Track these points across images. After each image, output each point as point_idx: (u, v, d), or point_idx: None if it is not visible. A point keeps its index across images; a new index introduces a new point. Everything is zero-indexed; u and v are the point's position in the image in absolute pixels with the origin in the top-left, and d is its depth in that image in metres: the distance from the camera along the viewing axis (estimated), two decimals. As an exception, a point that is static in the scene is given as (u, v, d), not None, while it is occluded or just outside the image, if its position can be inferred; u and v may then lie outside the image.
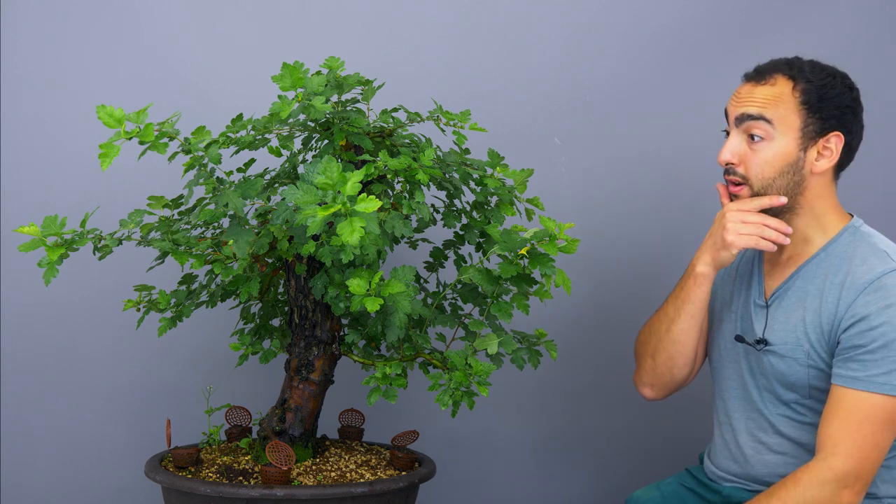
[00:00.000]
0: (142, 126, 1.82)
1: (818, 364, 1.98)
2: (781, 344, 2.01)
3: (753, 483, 2.09)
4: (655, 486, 2.24)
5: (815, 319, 1.98)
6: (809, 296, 2.01)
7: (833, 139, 2.00)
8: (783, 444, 2.05)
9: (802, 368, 1.99)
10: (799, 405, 2.02)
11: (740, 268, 2.19)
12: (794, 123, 1.99)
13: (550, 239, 1.94)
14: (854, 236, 2.02)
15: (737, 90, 2.07)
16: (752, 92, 2.02)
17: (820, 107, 1.99)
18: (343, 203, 1.68)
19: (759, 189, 2.01)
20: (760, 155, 2.00)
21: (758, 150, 2.00)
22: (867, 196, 2.68)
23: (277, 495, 1.90)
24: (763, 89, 2.01)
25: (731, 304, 2.15)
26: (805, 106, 1.99)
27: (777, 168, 2.00)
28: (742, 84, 2.07)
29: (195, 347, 2.66)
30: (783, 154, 1.99)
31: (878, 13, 2.79)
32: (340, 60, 2.02)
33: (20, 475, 2.63)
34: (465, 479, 2.79)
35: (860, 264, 1.96)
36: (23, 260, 2.41)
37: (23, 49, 2.60)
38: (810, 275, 2.02)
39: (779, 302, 2.05)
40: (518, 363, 2.11)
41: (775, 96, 2.00)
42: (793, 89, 2.00)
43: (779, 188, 2.00)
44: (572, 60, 2.75)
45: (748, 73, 2.08)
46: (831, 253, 2.02)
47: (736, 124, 2.02)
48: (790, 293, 2.04)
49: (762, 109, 1.99)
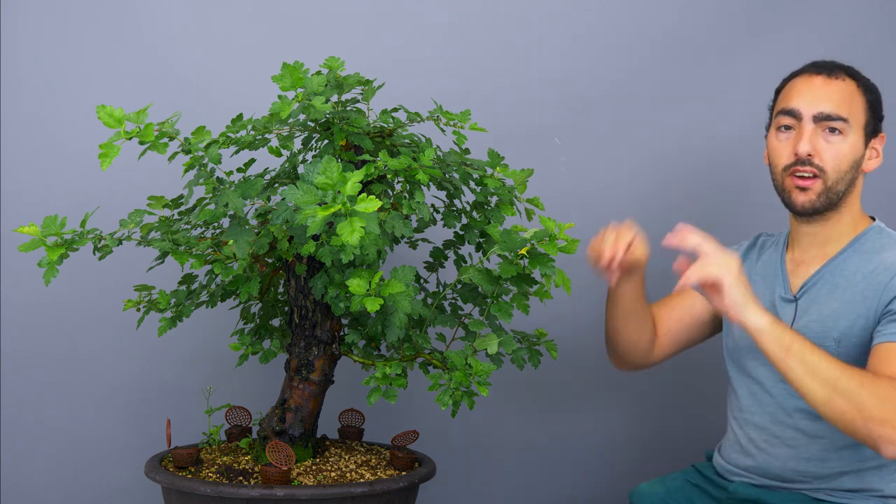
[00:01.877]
0: (142, 126, 1.82)
1: (849, 353, 1.99)
2: (812, 334, 2.02)
3: (763, 477, 2.10)
4: (660, 480, 2.25)
5: (850, 309, 2.00)
6: (839, 288, 2.04)
7: (880, 141, 2.10)
8: (797, 437, 2.06)
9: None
10: None
11: (762, 268, 2.20)
12: (861, 121, 2.06)
13: (550, 239, 1.95)
14: (881, 234, 2.08)
15: (804, 84, 2.08)
16: (827, 87, 2.05)
17: (876, 108, 2.08)
18: (343, 203, 1.68)
19: (833, 182, 2.04)
20: (838, 147, 2.04)
21: (834, 143, 2.04)
22: (868, 196, 2.69)
23: (277, 495, 1.90)
24: (837, 84, 2.06)
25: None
26: (868, 105, 2.07)
27: (849, 162, 2.05)
28: (809, 76, 2.09)
29: (195, 347, 2.66)
30: (855, 149, 2.06)
31: (879, 13, 2.79)
32: (340, 60, 2.02)
33: (20, 475, 2.64)
34: (465, 479, 2.79)
35: (890, 252, 2.02)
36: (23, 260, 2.41)
37: (23, 49, 2.60)
38: (838, 269, 2.06)
39: (807, 295, 2.08)
40: (518, 363, 2.11)
41: (850, 93, 2.06)
42: (857, 87, 2.07)
43: (846, 182, 2.05)
44: (572, 60, 2.75)
45: (813, 66, 2.10)
46: (858, 249, 2.07)
47: (814, 121, 2.05)
48: (819, 286, 2.07)
49: (839, 108, 2.04)
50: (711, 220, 2.76)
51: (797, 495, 2.06)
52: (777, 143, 2.09)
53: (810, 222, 2.10)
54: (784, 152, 2.07)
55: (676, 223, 2.73)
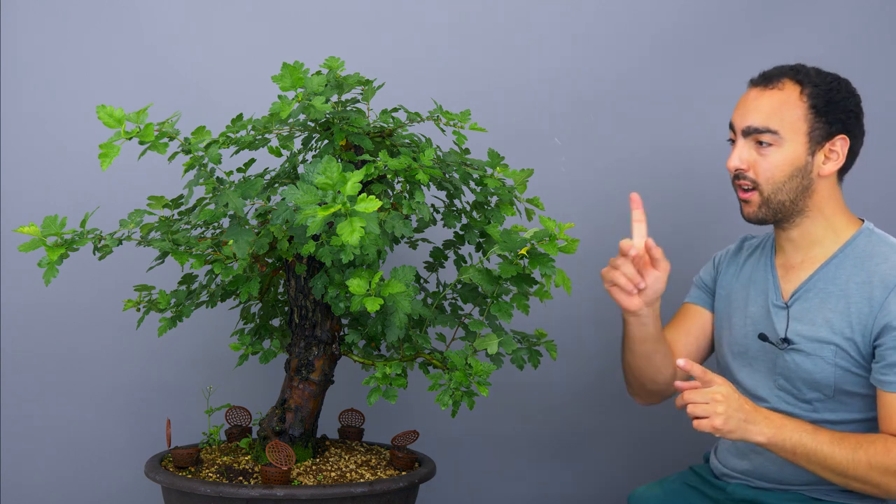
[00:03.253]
0: (142, 126, 1.82)
1: (845, 364, 2.00)
2: (807, 342, 2.03)
3: (761, 480, 2.10)
4: (658, 483, 2.25)
5: (844, 321, 2.00)
6: (832, 297, 2.03)
7: (839, 142, 2.05)
8: None
9: (829, 367, 2.01)
10: (820, 404, 2.04)
11: (752, 274, 2.20)
12: (802, 128, 2.03)
13: (550, 239, 1.94)
14: (870, 238, 2.06)
15: (742, 98, 2.09)
16: (758, 99, 2.05)
17: (827, 111, 2.03)
18: (343, 203, 1.68)
19: (770, 193, 2.04)
20: (769, 160, 2.03)
21: (767, 156, 2.04)
22: (869, 196, 2.68)
23: (277, 495, 1.90)
24: (770, 95, 2.05)
25: (747, 309, 2.17)
26: (813, 110, 2.03)
27: (786, 172, 2.03)
28: (748, 90, 2.10)
29: (195, 347, 2.66)
30: (792, 158, 2.03)
31: (879, 13, 2.79)
32: (340, 60, 2.02)
33: (20, 475, 2.63)
34: (465, 479, 2.79)
35: (882, 262, 2.00)
36: (23, 260, 2.41)
37: (23, 49, 2.60)
38: (830, 276, 2.05)
39: (799, 303, 2.07)
40: (518, 363, 2.11)
41: (782, 102, 2.03)
42: (800, 93, 2.04)
43: (788, 191, 2.04)
44: (573, 61, 2.75)
45: (754, 79, 2.10)
46: (849, 254, 2.05)
47: (743, 135, 2.05)
48: (811, 294, 2.06)
49: (767, 120, 2.03)
50: (713, 220, 2.78)
51: (795, 495, 2.06)
52: (728, 157, 2.10)
53: (784, 228, 2.11)
54: (728, 165, 2.09)
55: (677, 222, 2.75)
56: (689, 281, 2.39)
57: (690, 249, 2.74)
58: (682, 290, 2.40)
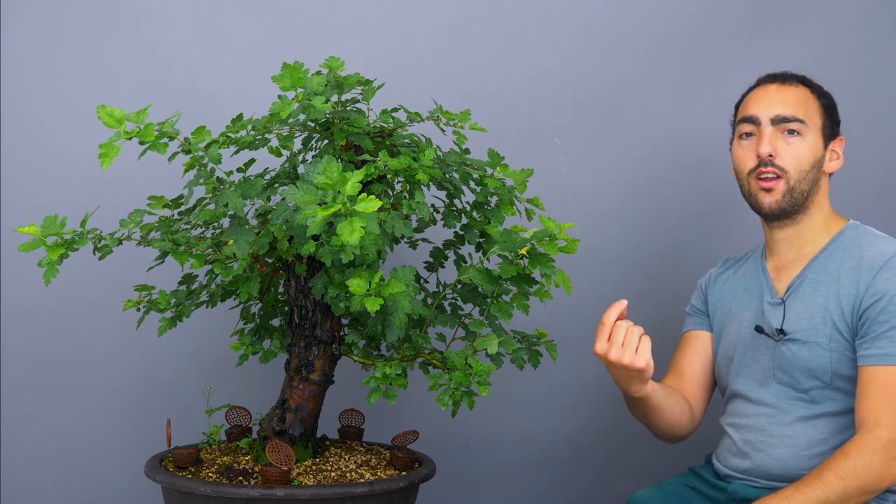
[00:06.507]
0: (142, 126, 1.82)
1: (840, 348, 2.03)
2: (802, 331, 2.06)
3: (762, 479, 2.11)
4: (657, 485, 2.26)
5: (835, 304, 2.04)
6: (823, 285, 2.08)
7: (839, 143, 2.17)
8: (794, 437, 2.07)
9: (825, 352, 2.04)
10: (818, 393, 2.06)
11: (744, 279, 2.24)
12: (818, 123, 2.13)
13: (550, 239, 1.94)
14: (857, 231, 2.13)
15: (761, 92, 2.16)
16: (782, 92, 2.14)
17: (832, 112, 2.16)
18: (343, 203, 1.68)
19: (796, 182, 2.10)
20: (796, 148, 2.11)
21: (793, 144, 2.11)
22: (869, 196, 2.69)
23: (277, 495, 1.90)
24: (791, 89, 2.14)
25: (742, 313, 2.20)
26: (824, 109, 2.14)
27: (810, 161, 2.11)
28: (765, 85, 2.17)
29: (195, 347, 2.66)
30: (815, 149, 2.12)
31: (879, 13, 2.79)
32: (340, 60, 2.02)
33: (21, 475, 2.63)
34: (465, 479, 2.79)
35: (870, 248, 2.06)
36: (23, 260, 2.41)
37: (23, 49, 2.60)
38: (821, 266, 2.10)
39: (794, 295, 2.11)
40: (518, 363, 2.11)
41: (804, 96, 2.13)
42: (811, 93, 2.14)
43: (809, 181, 2.11)
44: (573, 60, 2.75)
45: (769, 76, 2.19)
46: (839, 246, 2.11)
47: (772, 124, 2.11)
48: (804, 286, 2.10)
49: (796, 110, 2.11)
50: (714, 219, 2.77)
51: None
52: (740, 151, 2.16)
53: (782, 227, 2.15)
54: (747, 157, 2.14)
55: (677, 222, 2.75)
56: (688, 284, 2.40)
57: (690, 248, 2.74)
58: (682, 292, 2.41)
